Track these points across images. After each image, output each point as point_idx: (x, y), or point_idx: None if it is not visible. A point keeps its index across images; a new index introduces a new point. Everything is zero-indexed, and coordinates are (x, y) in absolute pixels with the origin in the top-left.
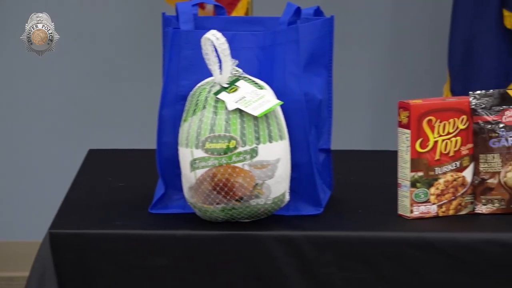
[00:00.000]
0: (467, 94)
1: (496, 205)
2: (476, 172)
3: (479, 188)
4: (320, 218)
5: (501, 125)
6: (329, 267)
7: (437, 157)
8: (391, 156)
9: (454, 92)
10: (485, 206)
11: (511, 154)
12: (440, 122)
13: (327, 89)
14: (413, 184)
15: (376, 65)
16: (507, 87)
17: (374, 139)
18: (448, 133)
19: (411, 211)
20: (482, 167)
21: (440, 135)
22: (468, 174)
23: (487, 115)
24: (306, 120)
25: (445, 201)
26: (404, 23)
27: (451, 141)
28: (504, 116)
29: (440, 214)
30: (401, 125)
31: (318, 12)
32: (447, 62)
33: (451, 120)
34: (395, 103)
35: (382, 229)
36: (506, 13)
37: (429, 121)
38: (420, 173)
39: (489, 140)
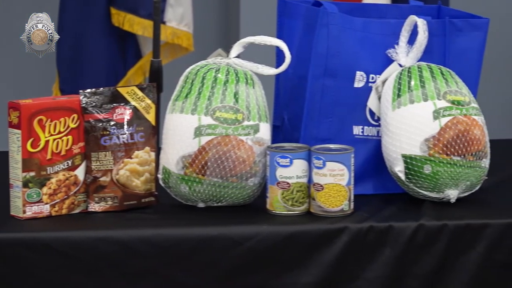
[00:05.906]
0: (78, 93)
1: (109, 202)
2: (88, 171)
3: (92, 186)
4: None
5: (112, 123)
6: None
7: (49, 156)
8: (4, 157)
9: (63, 91)
10: (98, 204)
11: (122, 151)
12: (51, 121)
13: None
14: (25, 184)
15: None
16: (117, 85)
17: None
18: (60, 132)
19: (24, 212)
20: (94, 165)
21: (52, 135)
22: (80, 172)
23: (98, 113)
24: None
25: (58, 200)
26: None
27: (62, 140)
28: (115, 114)
29: (54, 214)
30: (11, 125)
31: None
32: (56, 61)
33: (62, 119)
34: (5, 103)
35: None
36: (113, 11)
37: (40, 120)
38: (32, 173)
39: (100, 138)
